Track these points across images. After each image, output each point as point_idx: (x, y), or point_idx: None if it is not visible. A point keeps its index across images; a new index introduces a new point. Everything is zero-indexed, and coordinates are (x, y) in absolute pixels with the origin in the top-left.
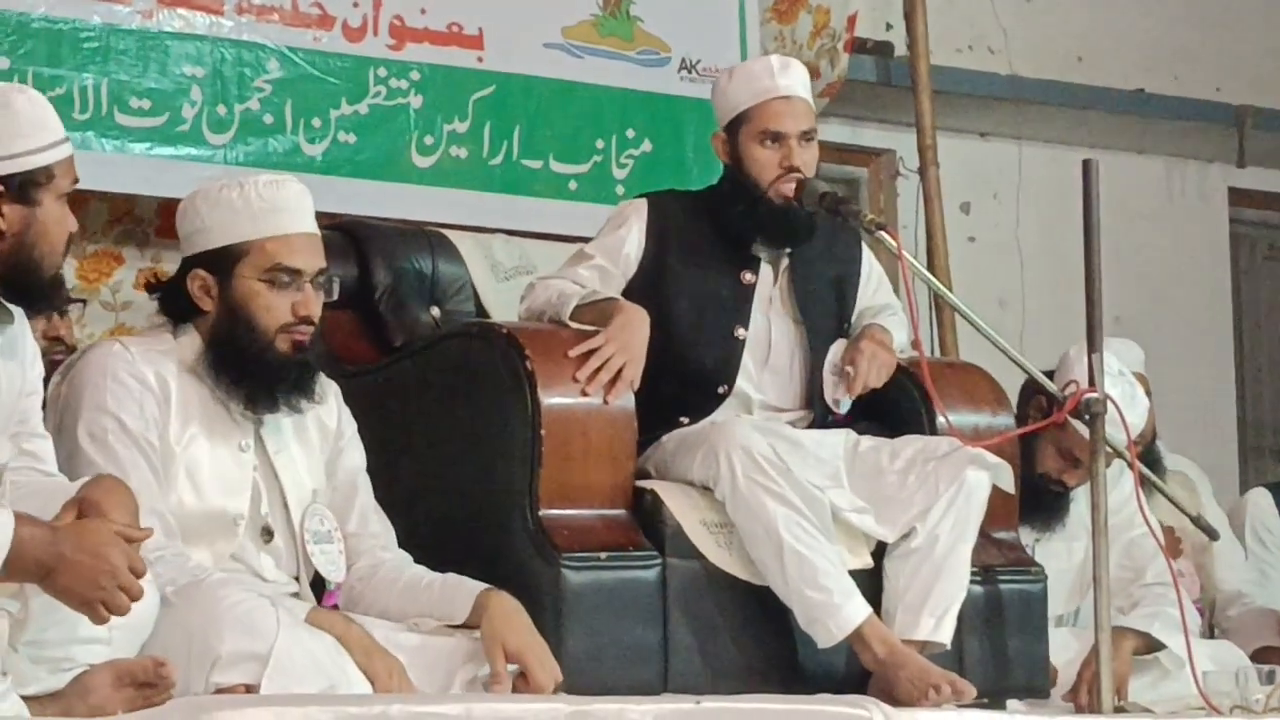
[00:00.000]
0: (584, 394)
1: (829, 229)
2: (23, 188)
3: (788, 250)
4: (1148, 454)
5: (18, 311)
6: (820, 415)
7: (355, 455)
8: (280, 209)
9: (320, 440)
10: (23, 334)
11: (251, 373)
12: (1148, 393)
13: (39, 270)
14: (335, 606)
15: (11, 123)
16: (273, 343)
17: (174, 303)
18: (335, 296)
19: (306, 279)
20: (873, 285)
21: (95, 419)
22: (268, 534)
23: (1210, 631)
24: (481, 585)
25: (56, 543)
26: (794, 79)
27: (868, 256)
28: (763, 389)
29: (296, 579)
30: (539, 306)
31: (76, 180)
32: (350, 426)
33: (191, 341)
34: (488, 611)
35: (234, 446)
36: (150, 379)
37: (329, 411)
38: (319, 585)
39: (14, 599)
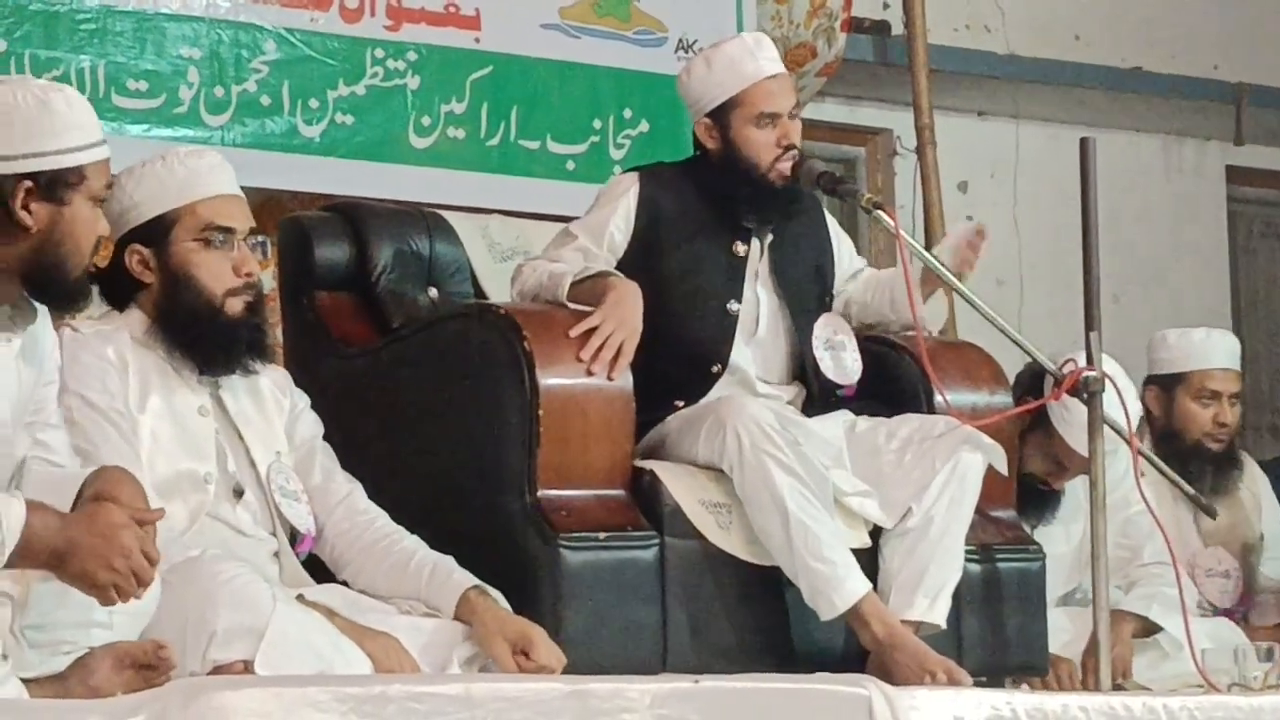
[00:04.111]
0: (589, 373)
1: (800, 207)
2: (51, 186)
3: (771, 225)
4: (1226, 454)
5: (41, 309)
6: (817, 392)
7: (311, 423)
8: (205, 174)
9: (277, 410)
10: (44, 330)
11: (204, 335)
12: (1237, 395)
13: (63, 270)
14: (310, 554)
15: (47, 121)
16: (222, 306)
17: (115, 285)
18: (269, 257)
19: (240, 237)
20: (846, 254)
21: (61, 401)
22: (238, 493)
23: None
24: (465, 581)
25: (68, 528)
26: (772, 55)
27: (832, 224)
28: (752, 362)
29: (274, 535)
30: (531, 288)
31: (111, 184)
32: (303, 400)
33: (138, 316)
34: (476, 613)
35: (194, 411)
36: (109, 353)
37: (282, 390)
38: (292, 540)
39: (15, 583)
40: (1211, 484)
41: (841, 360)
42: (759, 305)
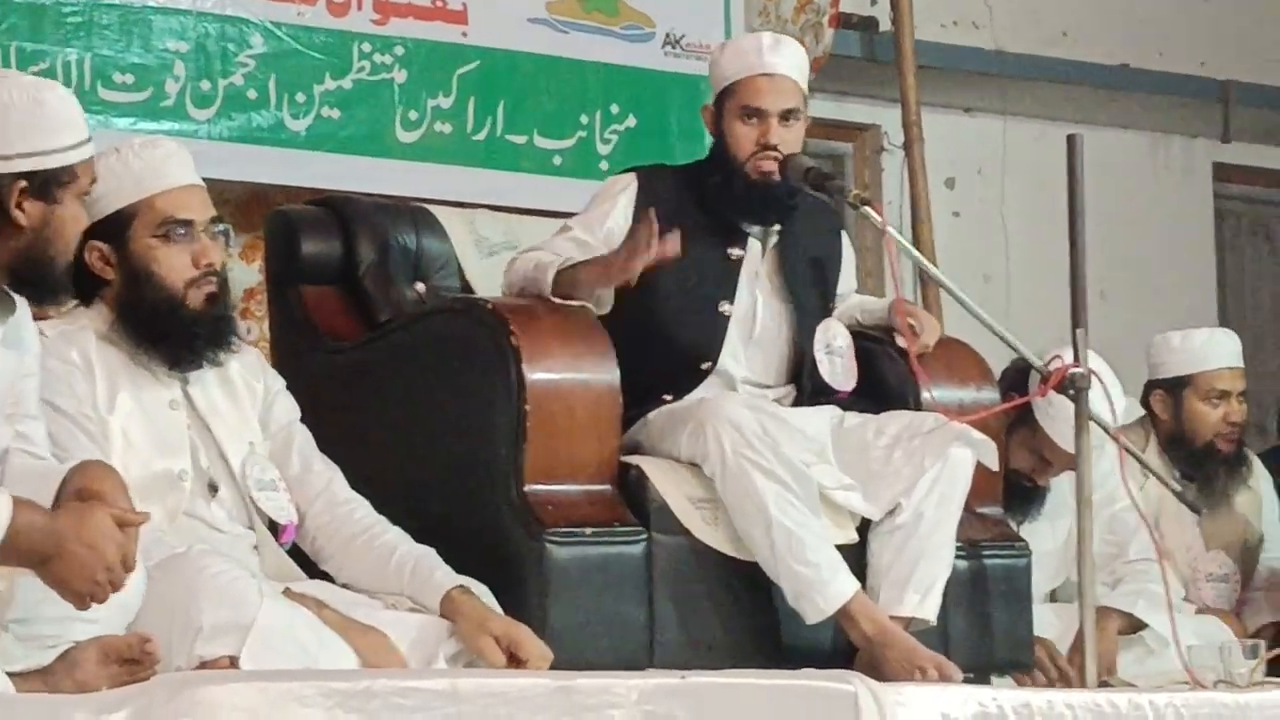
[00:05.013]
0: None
1: (811, 210)
2: (45, 185)
3: (775, 228)
4: (1237, 454)
5: (21, 300)
6: (809, 393)
7: (287, 407)
8: (161, 165)
9: (249, 397)
10: (24, 321)
11: (167, 331)
12: (1244, 393)
13: (52, 267)
14: (293, 543)
15: (42, 119)
16: (184, 300)
17: (78, 280)
18: (231, 245)
19: (200, 229)
20: (851, 269)
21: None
22: (213, 488)
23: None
24: (448, 581)
25: (56, 532)
26: (783, 58)
27: (845, 240)
28: (747, 364)
29: (251, 529)
30: (519, 280)
31: (95, 180)
32: (278, 383)
33: (102, 313)
34: (461, 613)
35: (164, 406)
36: (74, 356)
37: (254, 374)
38: (273, 530)
39: None
40: (1224, 485)
41: (838, 366)
42: (756, 306)
